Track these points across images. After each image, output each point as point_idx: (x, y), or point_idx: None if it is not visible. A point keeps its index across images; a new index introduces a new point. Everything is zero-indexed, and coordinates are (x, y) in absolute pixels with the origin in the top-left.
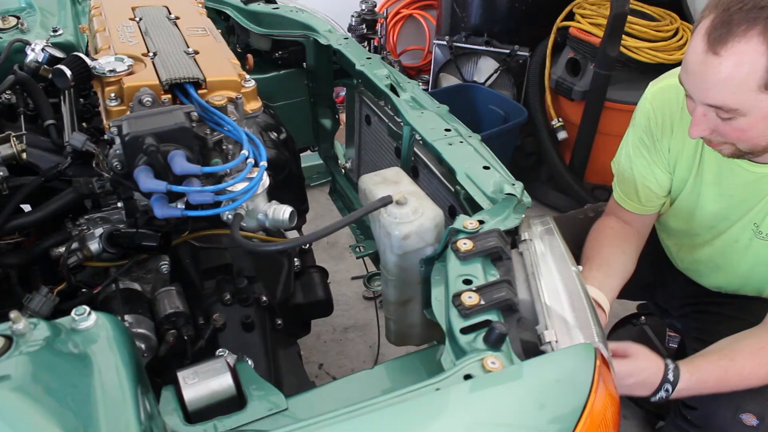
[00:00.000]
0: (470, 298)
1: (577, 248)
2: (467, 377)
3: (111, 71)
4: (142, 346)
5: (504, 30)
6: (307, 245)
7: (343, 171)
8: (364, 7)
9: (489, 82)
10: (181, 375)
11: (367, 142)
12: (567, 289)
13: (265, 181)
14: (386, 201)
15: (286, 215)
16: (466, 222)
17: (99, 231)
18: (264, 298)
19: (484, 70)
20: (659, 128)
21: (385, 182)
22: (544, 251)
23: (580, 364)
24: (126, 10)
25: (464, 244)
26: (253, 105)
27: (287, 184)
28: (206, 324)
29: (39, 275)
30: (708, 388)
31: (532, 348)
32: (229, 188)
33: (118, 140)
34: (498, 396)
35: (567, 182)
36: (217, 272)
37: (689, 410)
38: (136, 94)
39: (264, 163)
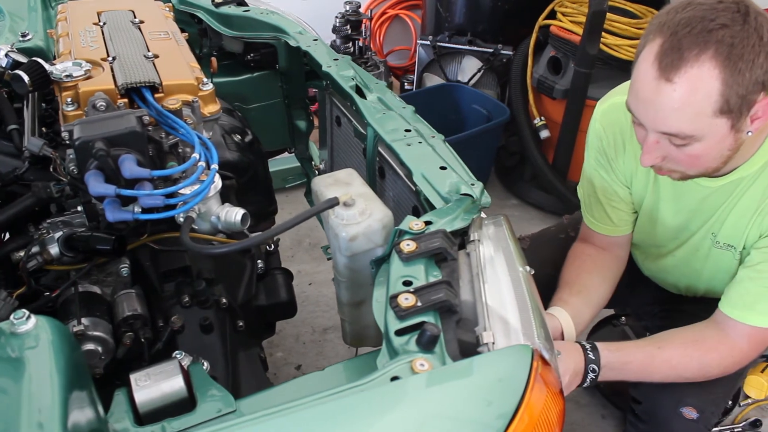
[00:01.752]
0: (407, 300)
1: (557, 270)
2: (394, 379)
3: (67, 76)
4: (99, 348)
5: (488, 29)
6: (272, 246)
7: (317, 172)
8: (348, 8)
9: (472, 82)
10: (134, 377)
11: (338, 144)
12: (512, 289)
13: (218, 183)
14: (332, 203)
15: (238, 218)
16: (411, 223)
17: (59, 234)
18: (224, 300)
19: (468, 69)
20: (611, 147)
21: (337, 183)
22: (493, 252)
23: (515, 365)
24: (91, 14)
25: (407, 245)
26: (212, 108)
27: (254, 186)
28: (165, 326)
29: (0, 279)
30: (633, 370)
31: (470, 349)
32: (179, 191)
33: None
34: (421, 397)
35: (550, 181)
36: (177, 275)
37: (636, 404)
38: (90, 99)
39: (215, 166)
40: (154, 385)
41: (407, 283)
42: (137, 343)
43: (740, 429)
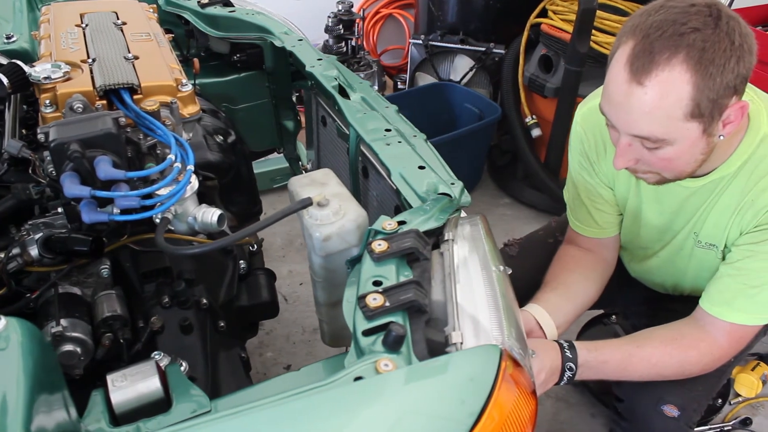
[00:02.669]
0: (375, 300)
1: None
2: (358, 379)
3: (46, 78)
4: (78, 349)
5: (480, 28)
6: (255, 247)
7: (304, 172)
8: (340, 8)
9: (465, 81)
10: (110, 378)
11: (324, 143)
12: (485, 289)
13: (194, 184)
14: (305, 203)
15: (215, 218)
16: (384, 223)
17: (39, 236)
18: (204, 301)
19: (460, 68)
20: (593, 150)
21: (313, 184)
22: (467, 251)
23: (483, 364)
24: (74, 16)
25: (378, 246)
26: (191, 109)
27: (237, 187)
28: (145, 327)
29: None
30: (611, 369)
31: (439, 349)
32: (156, 192)
33: None
34: (382, 398)
35: (542, 179)
36: (157, 275)
37: (618, 402)
38: (67, 101)
39: (191, 167)
40: (130, 385)
41: (377, 283)
42: (116, 344)
43: (730, 427)
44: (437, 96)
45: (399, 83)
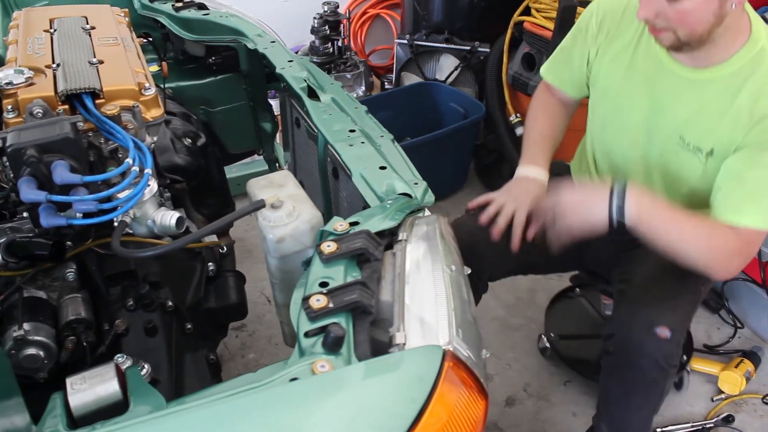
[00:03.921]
0: (318, 301)
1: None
2: (294, 380)
3: (8, 84)
4: (41, 353)
5: (465, 27)
6: (224, 249)
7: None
8: (326, 9)
9: (450, 80)
10: (70, 381)
11: (299, 145)
12: (434, 290)
13: (153, 187)
14: (258, 205)
15: (173, 221)
16: (336, 224)
17: (2, 240)
18: (170, 303)
19: (445, 67)
20: (598, 25)
21: (271, 186)
22: (420, 252)
23: (423, 365)
24: (44, 21)
25: (328, 247)
26: (154, 112)
27: (208, 190)
28: (110, 330)
29: None
30: (653, 222)
31: (384, 350)
32: (114, 196)
33: None
34: (315, 399)
35: None
36: (122, 279)
37: (608, 340)
38: (27, 106)
39: (148, 171)
40: (89, 388)
41: (324, 285)
42: (80, 348)
43: (712, 425)
44: (422, 95)
45: (386, 83)
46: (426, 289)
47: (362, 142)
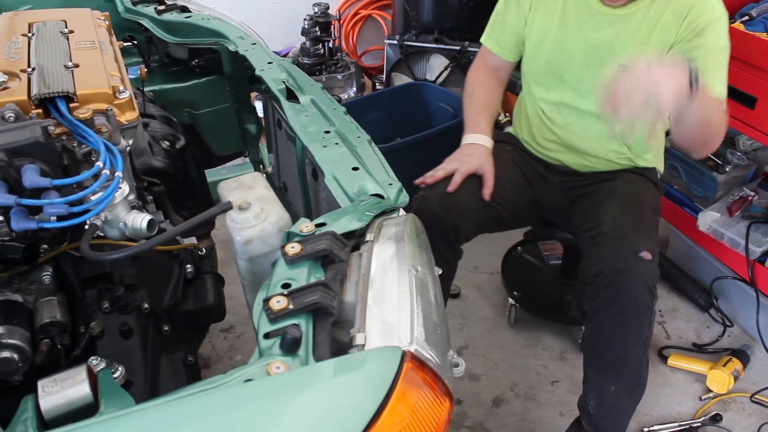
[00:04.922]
0: (278, 303)
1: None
2: (248, 381)
3: None
4: (15, 356)
5: (455, 27)
6: (203, 251)
7: (264, 176)
8: (316, 10)
9: (440, 80)
10: (41, 383)
11: (281, 146)
12: (398, 291)
13: (124, 190)
14: (225, 207)
15: (144, 224)
16: (302, 225)
17: None
18: (146, 305)
19: (435, 67)
20: None
21: (241, 188)
22: (388, 253)
23: (381, 366)
24: (23, 26)
25: (292, 248)
26: (129, 116)
27: (188, 192)
28: (85, 332)
29: None
30: (704, 101)
31: (344, 351)
32: (85, 198)
33: None
34: (266, 399)
35: None
36: (98, 281)
37: (598, 278)
38: None
39: (119, 174)
40: (60, 391)
41: (286, 286)
42: (55, 350)
43: (699, 424)
44: (412, 96)
45: (377, 84)
46: (390, 290)
47: (336, 144)
